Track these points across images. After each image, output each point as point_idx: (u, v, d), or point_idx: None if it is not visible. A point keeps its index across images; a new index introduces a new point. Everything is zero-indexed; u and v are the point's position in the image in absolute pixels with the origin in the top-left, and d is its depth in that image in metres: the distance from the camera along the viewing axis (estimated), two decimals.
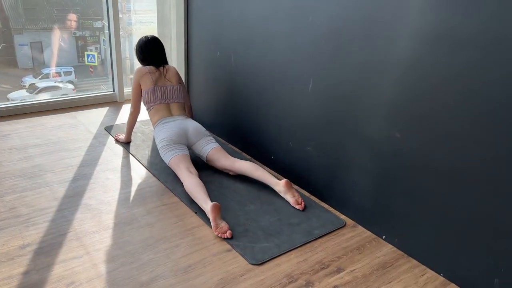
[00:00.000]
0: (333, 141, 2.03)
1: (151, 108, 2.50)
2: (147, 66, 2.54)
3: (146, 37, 2.59)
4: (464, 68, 1.43)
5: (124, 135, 2.73)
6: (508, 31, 1.30)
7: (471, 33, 1.39)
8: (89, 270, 1.59)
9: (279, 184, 2.11)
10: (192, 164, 2.23)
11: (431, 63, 1.53)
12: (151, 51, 2.57)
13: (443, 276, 1.66)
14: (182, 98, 2.56)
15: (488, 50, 1.36)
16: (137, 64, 2.64)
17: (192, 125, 2.44)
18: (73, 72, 7.21)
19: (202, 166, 2.42)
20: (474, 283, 1.56)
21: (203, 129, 2.47)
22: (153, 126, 2.48)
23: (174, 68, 2.63)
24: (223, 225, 1.86)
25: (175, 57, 3.24)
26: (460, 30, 1.42)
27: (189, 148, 2.43)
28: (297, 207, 2.06)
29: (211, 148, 2.37)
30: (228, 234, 1.82)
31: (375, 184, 1.87)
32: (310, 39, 2.03)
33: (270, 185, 2.16)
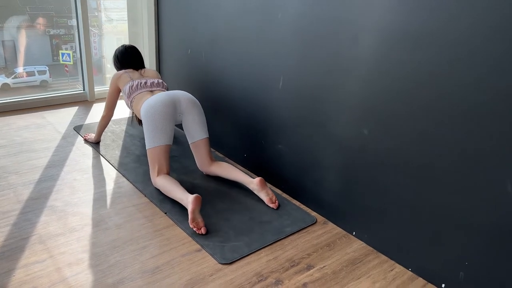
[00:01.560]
0: (304, 139, 2.03)
1: (133, 99, 2.39)
2: (125, 70, 2.54)
3: (123, 45, 2.61)
4: (430, 66, 1.45)
5: (93, 135, 2.67)
6: (475, 30, 1.32)
7: (437, 31, 1.41)
8: (52, 274, 1.54)
9: (253, 182, 2.09)
10: (168, 158, 2.16)
11: (397, 61, 1.54)
12: (128, 58, 2.57)
13: (411, 270, 1.68)
14: (165, 89, 2.50)
15: (454, 48, 1.38)
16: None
17: (183, 94, 2.26)
18: (47, 71, 7.04)
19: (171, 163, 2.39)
20: (440, 277, 1.58)
21: (197, 102, 2.29)
22: (141, 116, 2.24)
23: (154, 70, 2.64)
24: (200, 220, 1.84)
25: (147, 55, 3.19)
26: (426, 28, 1.43)
27: (177, 121, 2.24)
28: (271, 205, 2.05)
29: (203, 138, 2.25)
30: (203, 230, 1.82)
31: (344, 181, 1.88)
32: (280, 36, 2.02)
33: (245, 184, 2.14)
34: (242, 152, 2.46)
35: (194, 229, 1.81)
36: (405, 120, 1.57)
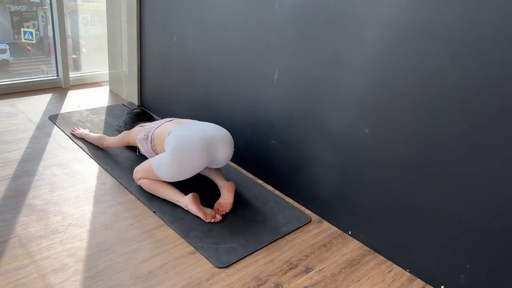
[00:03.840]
0: (298, 134, 1.97)
1: (152, 138, 1.98)
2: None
3: (135, 109, 2.44)
4: (437, 64, 1.41)
5: (84, 132, 2.43)
6: (484, 28, 1.28)
7: (445, 28, 1.36)
8: (36, 281, 1.42)
9: (223, 187, 1.97)
10: None
11: (402, 58, 1.49)
12: (142, 115, 2.39)
13: (409, 272, 1.67)
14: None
15: (462, 46, 1.33)
16: (86, 45, 2.44)
17: (223, 141, 1.91)
18: (8, 50, 6.65)
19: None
20: (440, 279, 1.58)
21: (233, 145, 1.98)
22: (165, 146, 1.90)
23: None
24: (209, 211, 1.81)
25: (125, 41, 3.01)
26: (435, 25, 1.39)
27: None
28: (214, 210, 1.86)
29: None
30: (218, 217, 1.82)
31: (340, 179, 1.84)
32: (277, 27, 1.93)
33: (217, 184, 2.06)
34: None
35: (212, 220, 1.80)
36: (408, 120, 1.53)
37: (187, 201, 1.82)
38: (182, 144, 1.80)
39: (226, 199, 1.91)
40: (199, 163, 1.83)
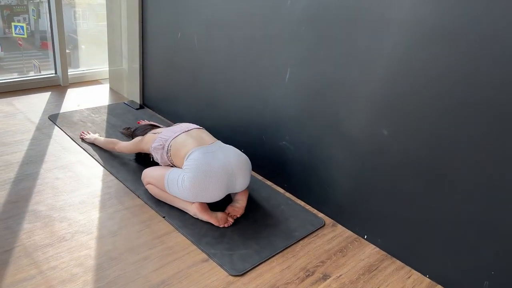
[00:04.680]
0: (311, 136, 1.90)
1: (169, 148, 1.87)
2: None
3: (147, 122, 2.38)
4: (458, 65, 1.35)
5: (93, 136, 2.33)
6: (503, 29, 1.22)
7: (466, 29, 1.30)
8: None
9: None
10: None
11: (425, 59, 1.43)
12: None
13: (429, 277, 1.62)
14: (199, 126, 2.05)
15: (487, 48, 1.28)
16: (83, 42, 2.35)
17: (241, 168, 1.81)
18: None
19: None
20: (462, 285, 1.53)
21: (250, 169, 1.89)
22: (183, 167, 1.79)
23: None
24: (221, 215, 1.76)
25: (125, 38, 2.92)
26: (455, 25, 1.33)
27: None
28: (225, 213, 1.80)
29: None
30: (230, 219, 1.78)
31: (355, 182, 1.78)
32: (289, 24, 1.86)
33: None
34: (238, 147, 2.31)
35: (225, 225, 1.76)
36: (430, 123, 1.48)
37: (195, 210, 1.75)
38: (202, 177, 1.69)
39: (239, 203, 1.85)
40: (215, 196, 1.75)
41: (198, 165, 1.72)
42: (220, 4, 2.17)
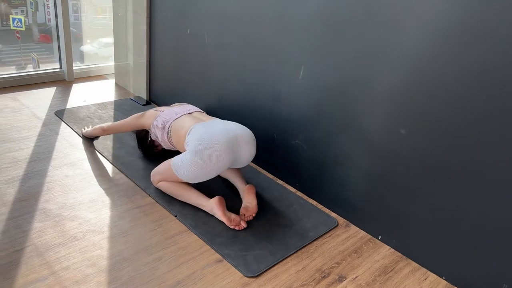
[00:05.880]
0: (325, 134, 1.88)
1: (170, 128, 1.92)
2: None
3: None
4: (479, 63, 1.32)
5: (88, 129, 2.28)
6: None
7: (487, 25, 1.27)
8: None
9: (242, 190, 1.88)
10: None
11: (447, 58, 1.40)
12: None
13: (445, 279, 1.60)
14: (202, 110, 2.11)
15: (505, 44, 1.25)
16: (89, 36, 2.30)
17: (247, 140, 1.81)
18: None
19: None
20: (480, 287, 1.51)
21: (255, 147, 1.88)
22: (185, 146, 1.80)
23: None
24: (234, 216, 1.73)
25: (131, 33, 2.88)
26: (476, 21, 1.29)
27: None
28: (240, 216, 1.76)
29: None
30: (243, 224, 1.73)
31: (370, 181, 1.76)
32: (304, 21, 1.82)
33: (236, 187, 1.97)
34: None
35: (236, 228, 1.71)
36: (449, 123, 1.45)
37: (213, 204, 1.73)
38: (205, 143, 1.71)
39: (250, 202, 1.82)
40: (223, 164, 1.74)
41: (200, 133, 1.74)
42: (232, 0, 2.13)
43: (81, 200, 1.80)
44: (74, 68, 3.13)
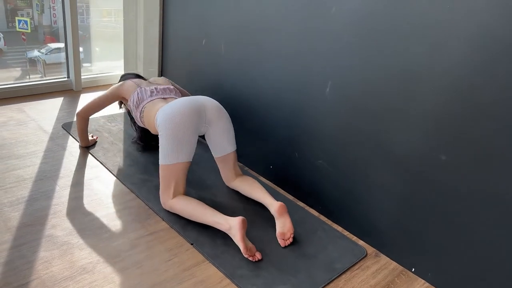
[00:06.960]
0: (352, 156, 1.74)
1: (143, 109, 2.00)
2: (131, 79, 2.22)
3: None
4: None
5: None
6: None
7: None
8: None
9: (273, 206, 1.76)
10: (186, 177, 1.82)
11: (488, 77, 1.27)
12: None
13: None
14: (179, 96, 2.12)
15: None
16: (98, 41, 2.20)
17: (209, 101, 1.88)
18: (2, 39, 6.45)
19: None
20: None
21: (225, 110, 1.92)
22: (156, 126, 1.83)
23: (163, 77, 2.28)
24: (251, 245, 1.59)
25: (141, 43, 2.75)
26: None
27: (200, 132, 1.85)
28: (280, 241, 1.69)
29: (232, 151, 1.92)
30: (258, 256, 1.59)
31: (403, 208, 1.62)
32: (332, 33, 1.69)
33: (266, 206, 1.84)
34: (266, 162, 2.15)
35: (250, 258, 1.57)
36: (497, 148, 1.31)
37: (233, 224, 1.58)
38: (170, 117, 1.75)
39: (285, 224, 1.71)
40: (192, 123, 1.76)
41: (164, 110, 1.80)
42: (252, 8, 2.01)
43: (90, 225, 1.67)
44: (82, 77, 3.01)
